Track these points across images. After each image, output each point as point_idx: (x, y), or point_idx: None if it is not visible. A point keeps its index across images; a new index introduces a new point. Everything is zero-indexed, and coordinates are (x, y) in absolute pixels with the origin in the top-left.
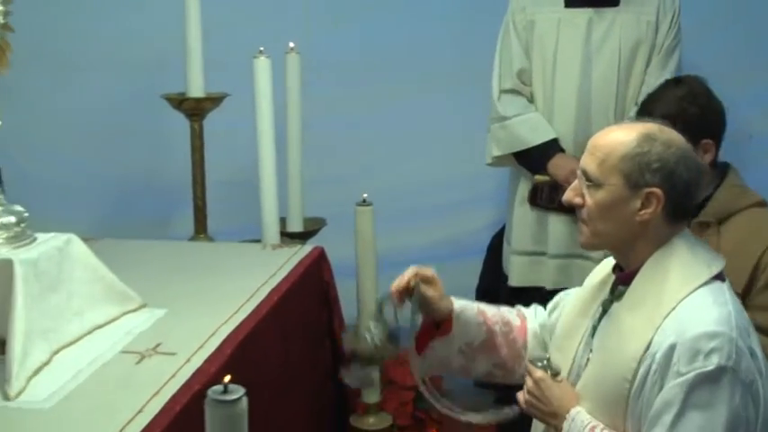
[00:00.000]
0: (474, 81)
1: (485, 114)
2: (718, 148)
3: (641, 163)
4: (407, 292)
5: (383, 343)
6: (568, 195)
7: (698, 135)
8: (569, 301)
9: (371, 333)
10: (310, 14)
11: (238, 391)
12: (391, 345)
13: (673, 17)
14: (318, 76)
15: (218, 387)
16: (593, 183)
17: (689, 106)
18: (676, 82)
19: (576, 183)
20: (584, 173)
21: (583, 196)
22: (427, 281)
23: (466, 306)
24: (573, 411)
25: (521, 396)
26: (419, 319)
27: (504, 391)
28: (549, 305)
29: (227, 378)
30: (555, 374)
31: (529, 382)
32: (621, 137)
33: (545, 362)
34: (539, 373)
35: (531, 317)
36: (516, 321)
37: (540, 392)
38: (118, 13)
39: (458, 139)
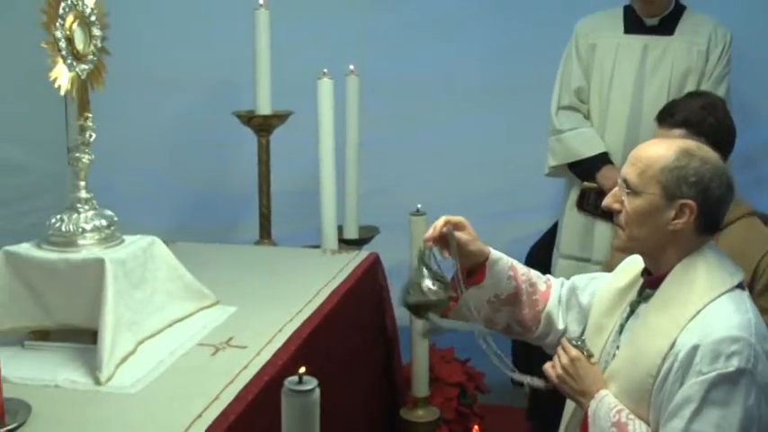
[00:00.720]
0: (520, 100)
1: (530, 131)
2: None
3: (679, 176)
4: (442, 240)
5: (433, 286)
6: (608, 201)
7: (709, 145)
8: (596, 300)
9: (420, 281)
10: (367, 38)
11: (312, 383)
12: (442, 288)
13: (723, 48)
14: (374, 94)
15: (294, 378)
16: (632, 190)
17: (708, 116)
18: (699, 94)
19: (616, 190)
20: (625, 181)
21: (622, 203)
22: (458, 227)
23: (500, 258)
24: (602, 392)
25: (549, 369)
26: (458, 262)
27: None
28: (575, 281)
29: (302, 370)
30: (589, 356)
31: (563, 359)
32: (662, 151)
33: (580, 342)
34: (575, 353)
35: (557, 287)
36: (542, 286)
37: (575, 370)
38: (194, 37)
39: (503, 155)
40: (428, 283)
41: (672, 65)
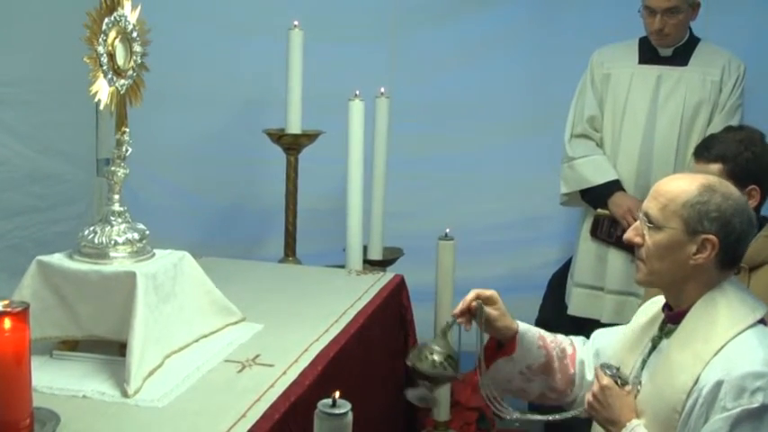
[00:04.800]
0: (549, 128)
1: (552, 162)
2: (763, 197)
3: (701, 211)
4: (470, 313)
5: (443, 364)
6: (629, 235)
7: (747, 179)
8: (618, 338)
9: (434, 353)
10: (396, 62)
11: (345, 406)
12: (450, 367)
13: (737, 79)
14: (401, 118)
15: (328, 401)
16: (653, 225)
17: (745, 150)
18: (738, 128)
19: (637, 223)
20: (647, 215)
21: (643, 236)
22: (488, 301)
23: (528, 329)
24: (633, 422)
25: (588, 396)
26: (485, 337)
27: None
28: (597, 336)
29: (338, 394)
30: (623, 384)
31: (595, 387)
32: (684, 185)
33: (615, 371)
34: (606, 381)
35: (580, 346)
36: (569, 350)
37: (604, 398)
38: (225, 54)
39: (526, 182)
40: (440, 358)
41: (685, 95)
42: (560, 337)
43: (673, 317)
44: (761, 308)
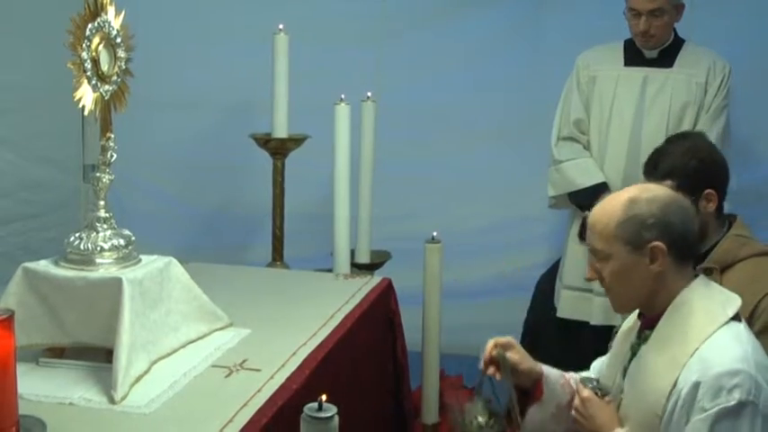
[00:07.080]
0: (531, 134)
1: (539, 165)
2: (721, 197)
3: (634, 224)
4: (494, 363)
5: (488, 423)
6: (589, 275)
7: (699, 185)
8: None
9: (476, 416)
10: (382, 66)
11: (331, 410)
12: (496, 424)
13: (722, 81)
14: (387, 122)
15: (314, 405)
16: (601, 256)
17: (690, 160)
18: (682, 137)
19: (593, 262)
20: (593, 250)
21: (599, 272)
22: (506, 347)
23: (549, 370)
24: (617, 431)
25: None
26: (512, 389)
27: None
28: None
29: (324, 398)
30: (604, 395)
31: (576, 400)
32: (609, 209)
33: (595, 383)
34: (586, 393)
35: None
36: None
37: (585, 410)
38: (211, 59)
39: (514, 185)
40: (481, 419)
41: (671, 97)
42: (572, 374)
43: (648, 322)
44: (732, 303)
